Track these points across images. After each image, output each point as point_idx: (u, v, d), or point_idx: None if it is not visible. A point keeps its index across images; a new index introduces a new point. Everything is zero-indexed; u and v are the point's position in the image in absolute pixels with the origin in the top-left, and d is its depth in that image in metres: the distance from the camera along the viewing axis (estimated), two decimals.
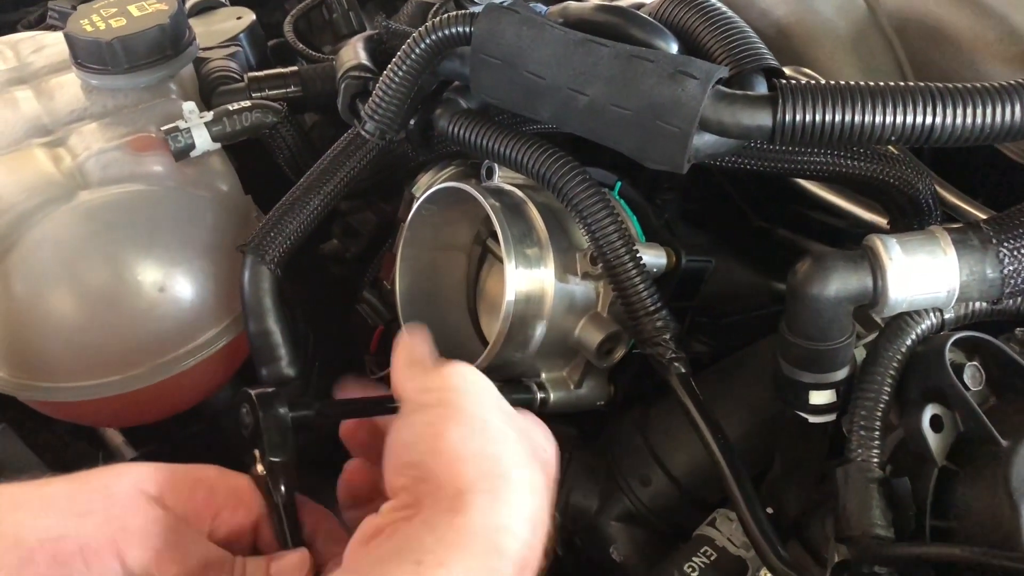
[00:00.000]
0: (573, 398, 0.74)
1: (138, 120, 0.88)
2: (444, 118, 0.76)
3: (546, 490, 0.53)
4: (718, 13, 0.68)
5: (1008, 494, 0.53)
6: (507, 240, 0.68)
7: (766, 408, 0.71)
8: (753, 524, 0.61)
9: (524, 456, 0.53)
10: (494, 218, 0.68)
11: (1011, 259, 0.57)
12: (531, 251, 0.69)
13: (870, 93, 0.57)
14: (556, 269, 0.70)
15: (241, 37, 1.06)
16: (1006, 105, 0.56)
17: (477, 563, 0.47)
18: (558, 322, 0.70)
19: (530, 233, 0.70)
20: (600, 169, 0.75)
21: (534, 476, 0.52)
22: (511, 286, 0.68)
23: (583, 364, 0.73)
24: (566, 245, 0.71)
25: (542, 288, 0.69)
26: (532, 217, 0.71)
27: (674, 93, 0.60)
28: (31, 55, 0.99)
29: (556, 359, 0.73)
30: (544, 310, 0.69)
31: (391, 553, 0.47)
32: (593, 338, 0.71)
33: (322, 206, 0.80)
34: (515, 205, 0.72)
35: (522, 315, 0.69)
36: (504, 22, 0.67)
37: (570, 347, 0.72)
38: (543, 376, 0.73)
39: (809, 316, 0.59)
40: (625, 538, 0.76)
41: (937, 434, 0.58)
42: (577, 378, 0.74)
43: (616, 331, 0.71)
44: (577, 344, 0.72)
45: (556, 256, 0.70)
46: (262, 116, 0.88)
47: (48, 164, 0.84)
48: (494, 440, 0.52)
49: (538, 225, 0.71)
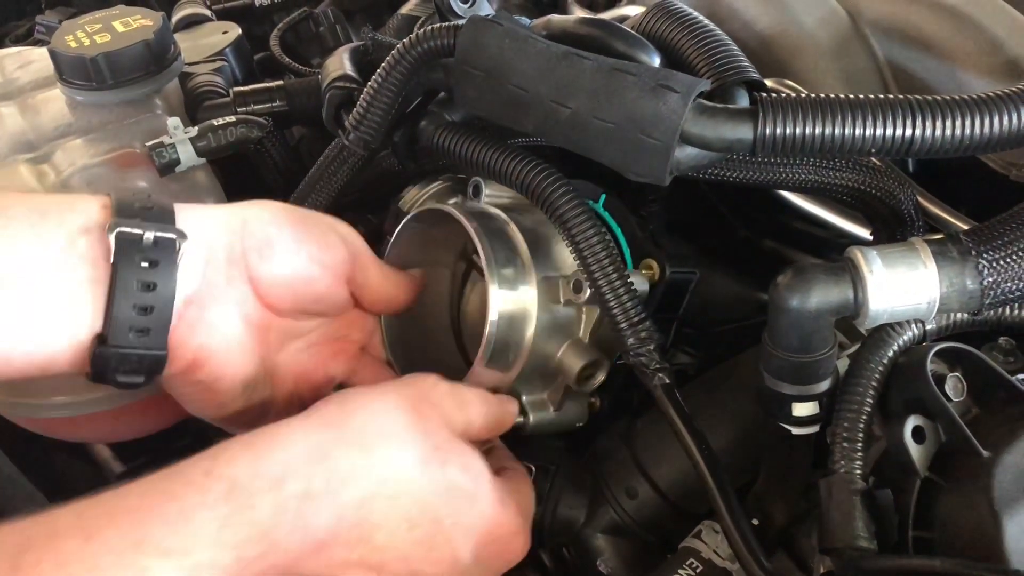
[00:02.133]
0: (554, 420, 0.74)
1: (123, 136, 0.88)
2: (429, 130, 0.76)
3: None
4: (700, 27, 0.69)
5: (990, 505, 0.53)
6: (490, 264, 0.68)
7: (751, 419, 0.71)
8: (737, 535, 0.61)
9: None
10: (478, 243, 0.69)
11: (990, 270, 0.58)
12: (514, 275, 0.69)
13: (850, 106, 0.57)
14: (539, 294, 0.70)
15: (227, 51, 1.06)
16: (987, 116, 0.56)
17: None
18: (540, 346, 0.70)
19: (513, 259, 0.70)
20: (585, 181, 0.76)
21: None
22: (494, 307, 0.68)
23: (563, 387, 0.73)
24: (550, 270, 0.71)
25: (524, 312, 0.69)
26: (516, 241, 0.71)
27: (656, 107, 0.60)
28: (16, 71, 0.99)
29: (537, 382, 0.74)
30: (526, 335, 0.70)
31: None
32: (574, 364, 0.71)
33: None
34: (499, 229, 0.72)
35: (504, 339, 0.69)
36: (487, 35, 0.67)
37: (551, 371, 0.73)
38: (524, 399, 0.73)
39: (790, 328, 0.59)
40: (612, 550, 0.76)
41: (919, 445, 0.58)
42: (557, 400, 0.74)
43: (597, 359, 0.71)
44: (558, 369, 0.72)
45: (539, 281, 0.70)
46: (247, 131, 0.88)
47: (32, 180, 0.84)
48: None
49: (522, 249, 0.71)
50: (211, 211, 0.63)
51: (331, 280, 0.67)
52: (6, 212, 0.56)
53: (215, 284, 0.62)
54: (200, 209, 0.63)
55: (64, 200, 0.60)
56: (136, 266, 0.57)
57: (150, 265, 0.57)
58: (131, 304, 0.57)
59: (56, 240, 0.57)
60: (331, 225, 0.68)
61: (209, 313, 0.62)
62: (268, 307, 0.65)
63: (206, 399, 0.66)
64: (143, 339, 0.59)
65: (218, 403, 0.66)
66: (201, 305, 0.61)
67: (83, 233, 0.58)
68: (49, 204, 0.59)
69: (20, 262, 0.56)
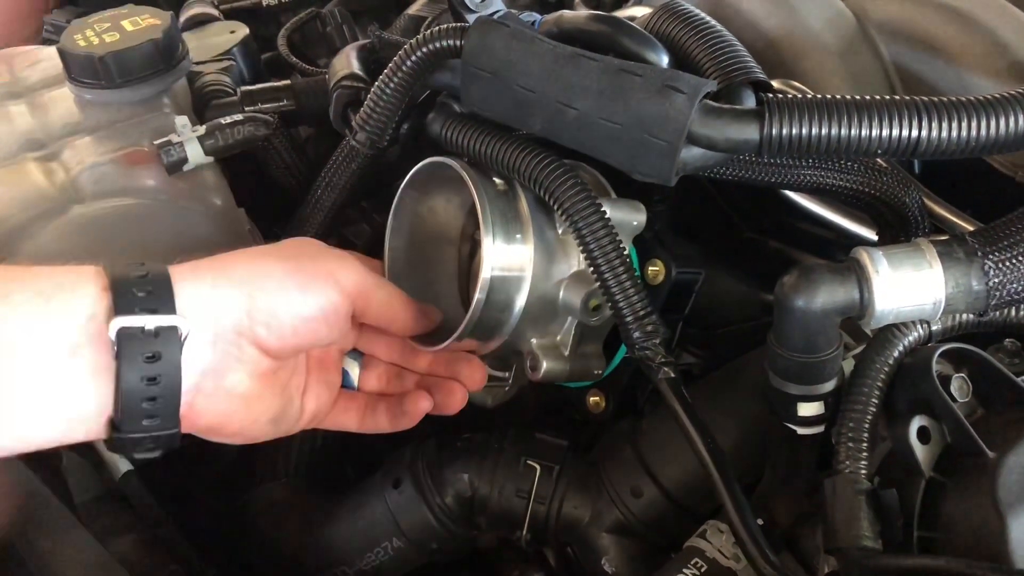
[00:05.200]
0: (566, 367, 0.74)
1: (131, 134, 0.88)
2: (437, 123, 0.76)
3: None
4: (708, 27, 0.69)
5: (995, 505, 0.54)
6: (481, 197, 0.68)
7: (756, 420, 0.71)
8: (743, 530, 0.61)
9: None
10: (465, 176, 0.69)
11: (996, 271, 0.58)
12: (508, 212, 0.70)
13: (856, 107, 0.57)
14: (535, 229, 0.70)
15: (234, 51, 1.06)
16: (993, 118, 0.56)
17: None
18: (540, 282, 0.70)
19: (504, 194, 0.70)
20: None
21: None
22: (488, 254, 0.68)
23: (574, 329, 0.73)
24: (546, 205, 0.71)
25: (521, 249, 0.70)
26: (508, 181, 0.72)
27: (662, 108, 0.60)
28: (26, 69, 0.99)
29: (545, 324, 0.73)
30: (525, 269, 0.70)
31: None
32: (576, 295, 0.71)
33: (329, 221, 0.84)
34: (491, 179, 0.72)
35: (502, 277, 0.69)
36: (494, 36, 0.67)
37: (557, 309, 0.73)
38: (534, 343, 0.73)
39: (796, 328, 0.59)
40: (617, 550, 0.76)
41: (924, 446, 0.58)
42: (570, 344, 0.74)
43: None
44: (564, 306, 0.72)
45: (535, 216, 0.70)
46: (254, 129, 0.88)
47: (41, 178, 0.84)
48: None
49: (514, 186, 0.71)
50: (217, 288, 0.63)
51: (335, 328, 0.68)
52: (9, 299, 0.56)
53: (228, 355, 0.63)
54: (206, 284, 0.63)
55: (66, 283, 0.59)
56: (139, 362, 0.58)
57: (153, 358, 0.58)
58: (138, 397, 0.58)
59: (62, 330, 0.57)
60: (332, 274, 0.68)
61: (225, 381, 0.63)
62: (276, 359, 0.66)
63: (236, 441, 0.68)
64: (154, 422, 0.60)
65: (248, 439, 0.69)
66: (217, 375, 0.63)
67: (88, 320, 0.58)
68: (52, 289, 0.58)
69: (28, 352, 0.56)
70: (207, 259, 0.65)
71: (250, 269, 0.65)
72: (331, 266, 0.68)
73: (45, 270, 0.59)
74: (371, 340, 0.77)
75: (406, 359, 0.78)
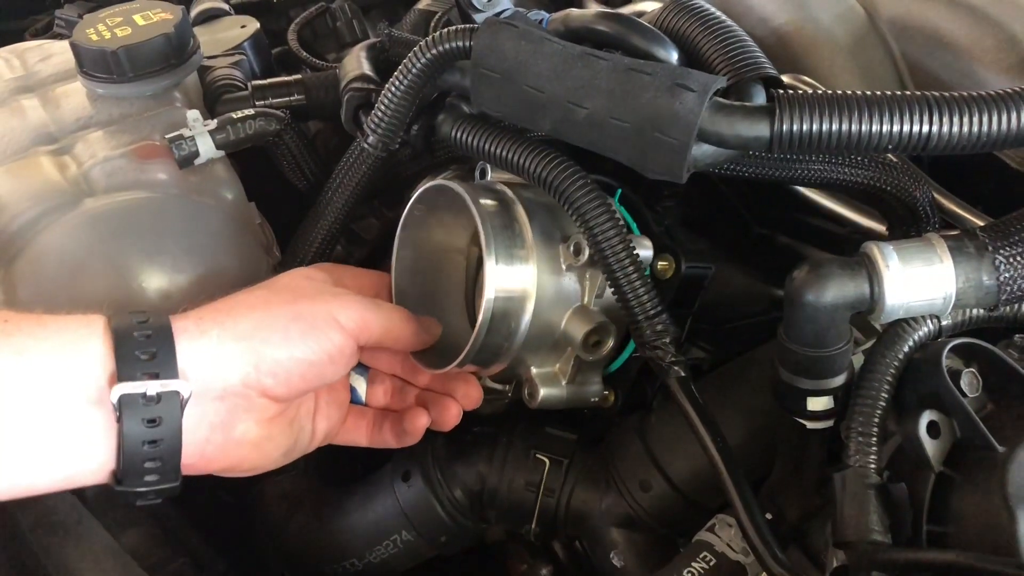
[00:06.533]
0: (564, 394, 0.75)
1: (143, 128, 0.88)
2: (447, 123, 0.76)
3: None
4: (718, 22, 0.69)
5: (1004, 500, 0.54)
6: (486, 228, 0.68)
7: (766, 414, 0.71)
8: (751, 527, 0.61)
9: None
10: (473, 209, 0.69)
11: (1007, 266, 0.58)
12: (513, 241, 0.70)
13: (867, 102, 0.57)
14: (540, 261, 0.70)
15: (245, 45, 1.06)
16: (1004, 113, 0.56)
17: None
18: (543, 314, 0.71)
19: (512, 224, 0.71)
20: (601, 176, 0.76)
21: None
22: (491, 279, 0.68)
23: (574, 359, 0.74)
24: (553, 237, 0.72)
25: (525, 278, 0.70)
26: (515, 210, 0.72)
27: (672, 106, 0.60)
28: (38, 64, 1.00)
29: (545, 353, 0.74)
30: (527, 301, 0.70)
31: None
32: (578, 330, 0.71)
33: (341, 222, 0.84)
34: (499, 198, 0.72)
35: (504, 308, 0.69)
36: (503, 37, 0.67)
37: (558, 341, 0.73)
38: (533, 371, 0.74)
39: (806, 323, 0.59)
40: (625, 543, 0.76)
41: (934, 440, 0.58)
42: (568, 373, 0.74)
43: (602, 323, 0.71)
44: (564, 337, 0.72)
45: (541, 248, 0.70)
46: (265, 124, 0.88)
47: (54, 172, 0.84)
48: None
49: (521, 218, 0.71)
50: (223, 345, 0.63)
51: (341, 366, 0.69)
52: (23, 355, 0.58)
53: (236, 407, 0.64)
54: (211, 341, 0.63)
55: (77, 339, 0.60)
56: (140, 426, 0.59)
57: (154, 422, 0.59)
58: (140, 459, 0.60)
59: (71, 391, 0.59)
60: (333, 316, 0.68)
61: (235, 432, 0.65)
62: (284, 403, 0.68)
63: (252, 474, 0.70)
64: (155, 478, 0.61)
65: (265, 470, 0.70)
66: (226, 428, 0.64)
67: (94, 384, 0.59)
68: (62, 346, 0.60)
69: (38, 408, 0.58)
70: (210, 308, 0.66)
71: (254, 321, 0.65)
72: (331, 307, 0.68)
73: (54, 324, 0.60)
74: (373, 353, 0.78)
75: (407, 372, 0.79)
